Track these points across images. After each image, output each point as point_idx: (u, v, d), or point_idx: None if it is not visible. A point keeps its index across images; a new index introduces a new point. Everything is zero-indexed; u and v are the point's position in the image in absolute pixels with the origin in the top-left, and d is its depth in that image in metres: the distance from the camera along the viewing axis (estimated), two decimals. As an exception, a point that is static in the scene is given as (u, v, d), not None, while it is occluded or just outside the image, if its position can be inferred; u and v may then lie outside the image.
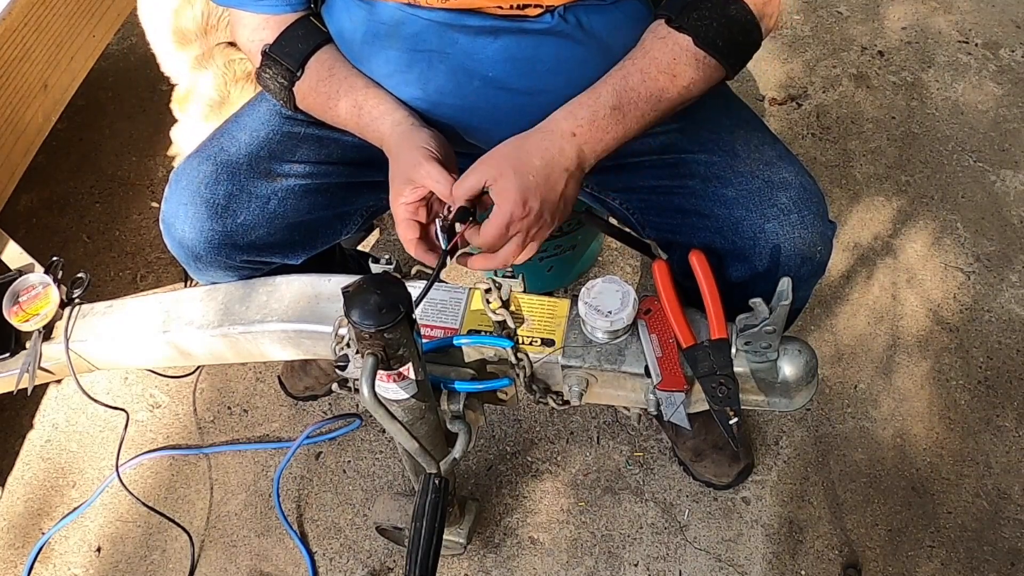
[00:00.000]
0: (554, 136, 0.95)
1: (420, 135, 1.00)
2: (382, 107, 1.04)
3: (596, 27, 0.99)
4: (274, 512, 1.53)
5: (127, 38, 2.45)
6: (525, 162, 0.93)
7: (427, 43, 1.00)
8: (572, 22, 0.97)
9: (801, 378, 0.93)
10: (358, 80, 1.06)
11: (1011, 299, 1.70)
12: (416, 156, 0.97)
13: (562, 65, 1.00)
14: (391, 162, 1.01)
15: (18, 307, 1.18)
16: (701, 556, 1.44)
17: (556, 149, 0.94)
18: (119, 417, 1.56)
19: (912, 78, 2.12)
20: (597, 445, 1.57)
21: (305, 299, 1.09)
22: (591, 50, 1.00)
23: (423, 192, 0.98)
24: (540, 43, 0.98)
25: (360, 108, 1.04)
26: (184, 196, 1.09)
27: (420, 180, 0.97)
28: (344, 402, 1.66)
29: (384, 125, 1.03)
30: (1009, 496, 1.47)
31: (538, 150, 0.94)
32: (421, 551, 0.90)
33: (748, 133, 1.07)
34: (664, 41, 0.96)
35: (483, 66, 1.00)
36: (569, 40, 0.98)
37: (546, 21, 0.97)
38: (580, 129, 0.95)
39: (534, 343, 0.97)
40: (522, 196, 0.92)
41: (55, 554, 1.53)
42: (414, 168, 0.97)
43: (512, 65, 0.99)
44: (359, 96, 1.04)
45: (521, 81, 1.01)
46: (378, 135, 1.04)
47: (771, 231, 0.99)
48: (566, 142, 0.94)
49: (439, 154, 0.98)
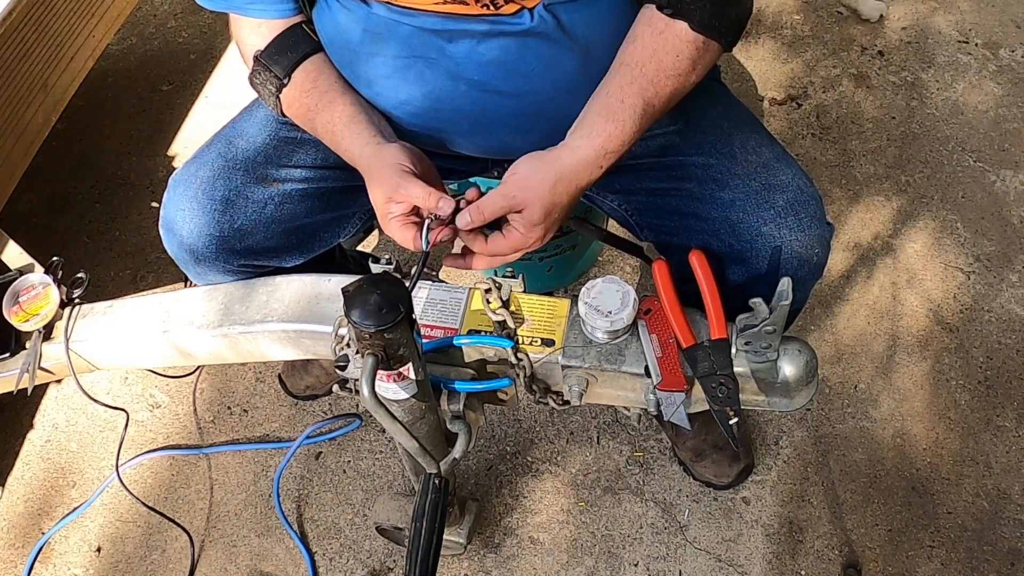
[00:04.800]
0: (586, 172, 0.96)
1: (389, 153, 1.00)
2: (353, 126, 1.04)
3: (576, 24, 0.98)
4: (274, 512, 1.53)
5: (127, 38, 2.46)
6: (556, 200, 0.96)
7: (411, 48, 1.00)
8: (551, 21, 0.96)
9: (801, 378, 0.93)
10: (337, 95, 1.06)
11: (1011, 299, 1.70)
12: (391, 175, 0.97)
13: (545, 66, 0.99)
14: (368, 185, 1.01)
15: (18, 307, 1.18)
16: (701, 556, 1.44)
17: (584, 183, 0.97)
18: (119, 417, 1.56)
19: (912, 78, 2.12)
20: (597, 445, 1.57)
21: (305, 299, 1.09)
22: (573, 50, 0.99)
23: (408, 205, 0.98)
24: (522, 45, 0.98)
25: (334, 125, 1.05)
26: (182, 200, 1.10)
27: (401, 199, 0.97)
28: (344, 402, 1.66)
29: (354, 146, 1.03)
30: (1009, 496, 1.47)
31: (570, 189, 0.96)
32: (421, 551, 0.90)
33: (746, 135, 1.07)
34: (663, 36, 0.95)
35: (468, 70, 1.00)
36: (549, 40, 0.98)
37: (525, 20, 0.96)
38: (607, 162, 0.97)
39: (534, 343, 0.97)
40: (546, 229, 0.97)
41: (55, 554, 1.53)
42: (393, 189, 0.97)
43: (496, 68, 0.99)
44: (335, 113, 1.05)
45: (506, 84, 1.00)
46: (350, 155, 1.05)
47: (768, 233, 0.99)
48: (594, 175, 0.97)
49: (413, 167, 0.98)
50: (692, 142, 1.07)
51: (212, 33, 2.45)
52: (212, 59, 2.38)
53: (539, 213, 0.95)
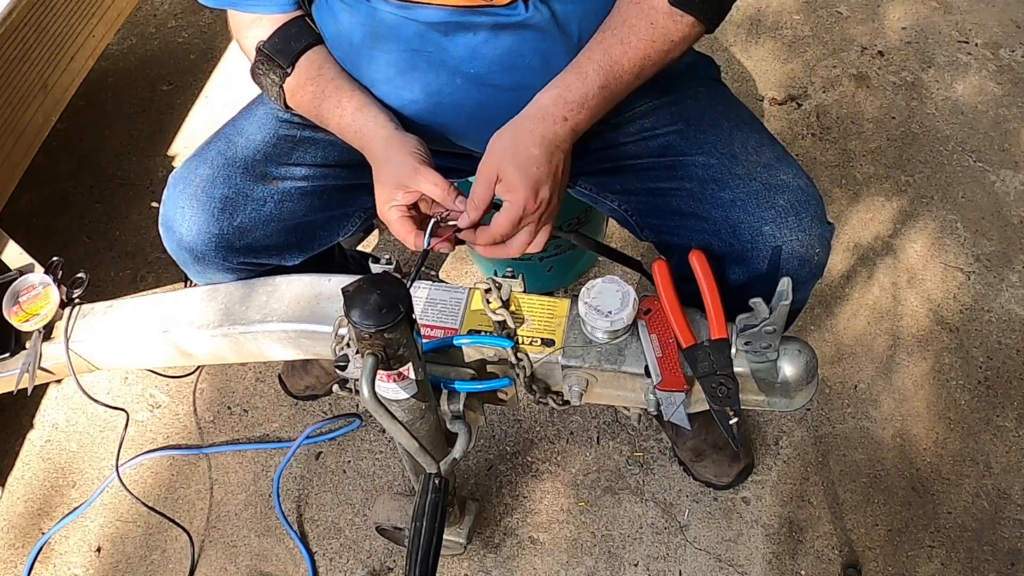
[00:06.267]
0: (547, 122, 0.96)
1: (409, 140, 1.00)
2: (366, 111, 1.04)
3: (570, 17, 0.98)
4: (274, 512, 1.53)
5: (127, 38, 2.46)
6: (525, 154, 0.94)
7: (411, 45, 1.00)
8: (545, 13, 0.97)
9: (801, 378, 0.93)
10: (343, 82, 1.06)
11: (1011, 299, 1.70)
12: (410, 161, 0.97)
13: (541, 59, 1.00)
14: (377, 167, 1.01)
15: (18, 307, 1.18)
16: (701, 556, 1.44)
17: (551, 135, 0.95)
18: (119, 417, 1.56)
19: (912, 78, 2.12)
20: (597, 445, 1.57)
21: (305, 299, 1.09)
22: (568, 43, 1.00)
23: (415, 196, 0.98)
24: (518, 39, 0.98)
25: (343, 110, 1.05)
26: (182, 198, 1.10)
27: (416, 185, 0.97)
28: (344, 402, 1.66)
29: (367, 128, 1.03)
30: (1009, 496, 1.47)
31: (534, 139, 0.95)
32: (421, 551, 0.90)
33: (746, 135, 1.07)
34: (639, 6, 0.96)
35: (466, 64, 1.00)
36: (544, 33, 0.98)
37: (519, 12, 0.96)
38: (570, 113, 0.96)
39: (534, 343, 0.97)
40: (532, 189, 0.94)
41: (55, 554, 1.53)
42: (409, 174, 0.97)
43: (493, 62, 1.00)
44: (343, 99, 1.05)
45: (504, 78, 1.01)
46: (360, 138, 1.04)
47: (769, 233, 0.99)
48: (559, 126, 0.96)
49: (429, 159, 0.99)
50: (693, 142, 1.07)
51: (212, 33, 2.45)
52: (212, 59, 2.38)
53: (514, 173, 0.94)
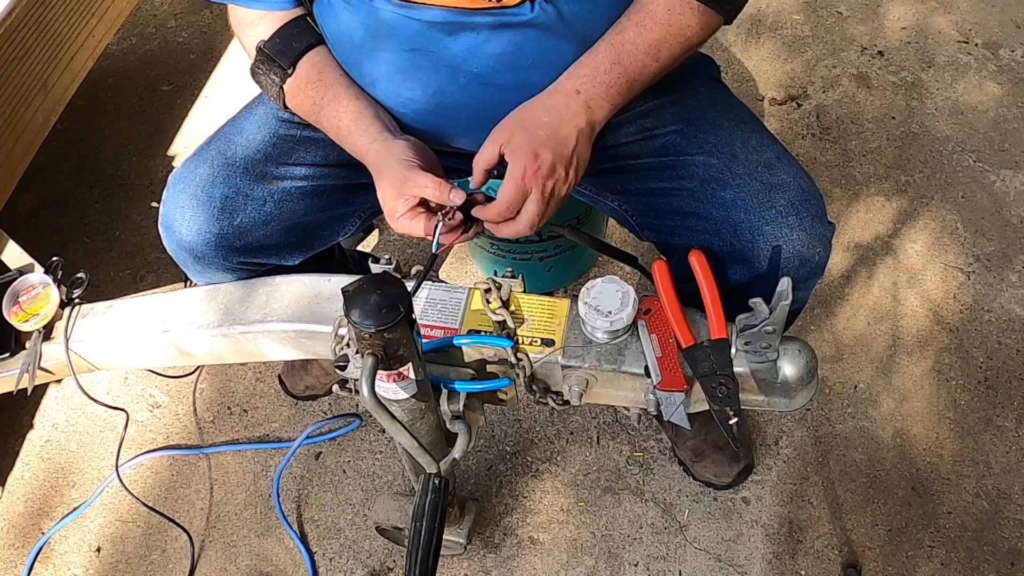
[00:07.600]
0: (559, 95, 0.98)
1: (396, 147, 1.01)
2: (360, 121, 1.04)
3: (576, 16, 0.98)
4: (274, 512, 1.53)
5: (127, 38, 2.46)
6: (532, 119, 0.97)
7: (413, 44, 1.00)
8: (552, 12, 0.97)
9: (801, 378, 0.93)
10: (342, 89, 1.06)
11: (1011, 299, 1.70)
12: (400, 170, 0.98)
13: (546, 59, 1.00)
14: (377, 181, 1.02)
15: (18, 307, 1.18)
16: (701, 556, 1.44)
17: (563, 106, 0.97)
18: (119, 417, 1.56)
19: (912, 78, 2.12)
20: (597, 445, 1.57)
21: (305, 299, 1.09)
22: (573, 42, 1.00)
23: (415, 200, 0.99)
24: (523, 37, 0.98)
25: (340, 120, 1.05)
26: (182, 198, 1.10)
27: (409, 191, 0.98)
28: (344, 402, 1.66)
29: (361, 142, 1.04)
30: (1009, 496, 1.47)
31: (544, 108, 0.97)
32: (421, 551, 0.90)
33: (747, 135, 1.07)
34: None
35: (468, 63, 1.00)
36: (550, 32, 0.98)
37: (526, 12, 0.96)
38: (583, 86, 0.97)
39: (534, 343, 0.97)
40: (532, 149, 0.95)
41: (55, 554, 1.53)
42: (402, 183, 0.98)
43: (497, 61, 1.00)
44: (340, 108, 1.05)
45: (507, 77, 1.01)
46: (356, 151, 1.06)
47: (769, 233, 0.99)
48: (571, 99, 0.97)
49: (420, 160, 0.99)
50: (693, 142, 1.07)
51: (212, 33, 2.45)
52: (212, 59, 2.38)
53: (518, 134, 0.95)
